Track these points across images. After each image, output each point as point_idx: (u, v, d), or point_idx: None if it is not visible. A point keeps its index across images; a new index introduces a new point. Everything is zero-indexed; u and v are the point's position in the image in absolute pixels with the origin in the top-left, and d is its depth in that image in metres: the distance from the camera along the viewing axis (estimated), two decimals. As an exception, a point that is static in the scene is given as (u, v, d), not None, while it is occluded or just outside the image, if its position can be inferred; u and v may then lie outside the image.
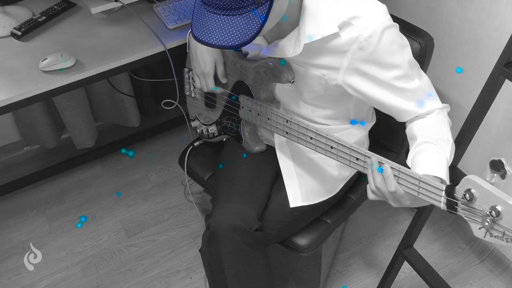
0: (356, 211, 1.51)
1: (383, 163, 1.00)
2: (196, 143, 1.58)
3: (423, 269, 1.46)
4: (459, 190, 0.87)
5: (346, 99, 1.24)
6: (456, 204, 0.88)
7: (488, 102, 1.16)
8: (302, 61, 1.16)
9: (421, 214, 1.40)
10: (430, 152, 1.06)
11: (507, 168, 0.80)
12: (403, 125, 1.48)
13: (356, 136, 1.34)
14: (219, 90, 1.33)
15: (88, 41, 1.54)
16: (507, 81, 1.12)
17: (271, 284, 1.31)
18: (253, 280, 1.27)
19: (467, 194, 0.85)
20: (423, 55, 1.31)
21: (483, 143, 1.60)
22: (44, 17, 1.61)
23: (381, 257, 1.85)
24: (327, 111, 1.28)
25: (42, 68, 1.42)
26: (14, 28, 1.56)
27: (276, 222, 1.31)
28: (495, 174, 0.81)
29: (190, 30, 1.32)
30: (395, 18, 1.25)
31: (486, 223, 0.83)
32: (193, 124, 1.52)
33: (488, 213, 0.82)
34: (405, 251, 1.49)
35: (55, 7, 1.66)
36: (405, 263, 1.54)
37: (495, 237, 0.84)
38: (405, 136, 1.50)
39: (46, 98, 1.50)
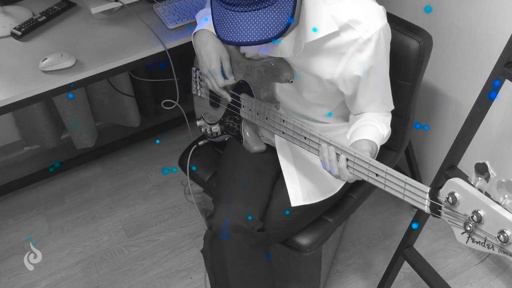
0: (356, 211, 1.51)
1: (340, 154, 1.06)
2: (201, 143, 1.58)
3: (423, 269, 1.46)
4: (443, 193, 0.86)
5: (340, 94, 1.25)
6: (440, 207, 0.87)
7: (488, 102, 1.16)
8: (300, 61, 1.16)
9: (421, 214, 1.40)
10: (369, 127, 1.17)
11: (490, 171, 0.78)
12: (403, 124, 1.49)
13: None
14: (229, 81, 1.31)
15: (88, 41, 1.54)
16: (507, 81, 1.12)
17: (273, 285, 1.32)
18: (255, 280, 1.27)
19: (450, 198, 0.83)
20: (422, 53, 1.32)
21: (483, 143, 1.60)
22: (44, 17, 1.61)
23: (381, 257, 1.85)
24: (326, 108, 1.28)
25: (42, 68, 1.42)
26: (14, 28, 1.56)
27: (277, 221, 1.31)
28: (480, 178, 0.80)
29: (194, 32, 1.33)
30: (395, 18, 1.26)
31: (468, 228, 0.81)
32: (198, 123, 1.53)
33: (470, 217, 0.80)
34: (405, 251, 1.49)
35: (55, 7, 1.66)
36: (405, 263, 1.54)
37: (477, 243, 0.82)
38: (405, 134, 1.51)
39: (46, 98, 1.50)
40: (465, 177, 1.24)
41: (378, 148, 1.15)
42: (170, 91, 1.63)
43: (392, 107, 1.27)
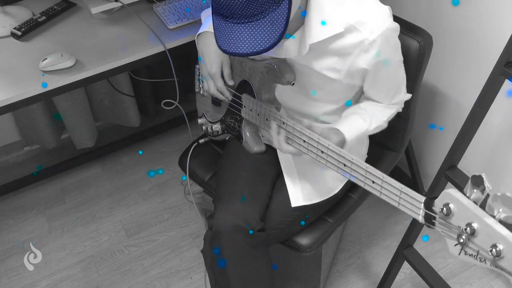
0: (356, 211, 1.51)
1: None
2: (201, 140, 1.58)
3: (423, 269, 1.46)
4: (438, 204, 0.85)
5: (349, 90, 1.26)
6: (434, 218, 0.86)
7: (488, 102, 1.16)
8: (305, 62, 1.17)
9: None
10: (354, 116, 1.21)
11: (486, 184, 0.77)
12: (403, 124, 1.49)
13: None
14: (227, 92, 1.32)
15: (88, 41, 1.54)
16: (507, 81, 1.12)
17: (273, 285, 1.32)
18: (255, 280, 1.27)
19: (444, 208, 0.82)
20: (422, 53, 1.32)
21: (483, 143, 1.60)
22: (44, 17, 1.61)
23: (381, 257, 1.85)
24: (329, 106, 1.28)
25: (42, 68, 1.42)
26: (14, 28, 1.56)
27: (277, 221, 1.31)
28: (475, 190, 0.79)
29: (198, 33, 1.33)
30: (395, 18, 1.26)
31: (461, 240, 0.81)
32: (200, 121, 1.53)
33: (463, 229, 0.80)
34: (405, 251, 1.49)
35: (55, 7, 1.66)
36: (405, 263, 1.54)
37: (469, 255, 0.81)
38: (405, 134, 1.51)
39: (46, 98, 1.50)
40: (465, 177, 1.25)
41: (349, 140, 1.17)
42: (170, 91, 1.63)
43: (396, 100, 1.27)
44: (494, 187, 0.77)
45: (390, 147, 1.55)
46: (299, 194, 1.32)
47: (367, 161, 1.47)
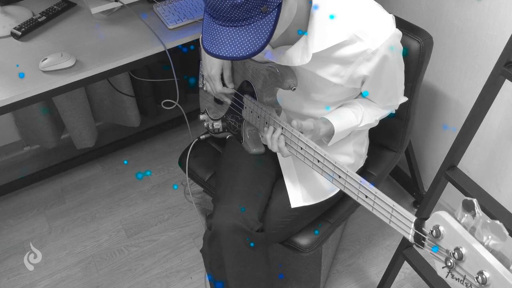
0: (356, 211, 1.51)
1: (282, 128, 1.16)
2: (202, 136, 1.59)
3: (423, 269, 1.46)
4: (428, 225, 0.85)
5: (350, 93, 1.26)
6: (424, 239, 0.86)
7: (488, 102, 1.16)
8: (308, 69, 1.17)
9: (421, 214, 1.40)
10: (348, 109, 1.24)
11: (476, 209, 0.76)
12: (403, 125, 1.49)
13: (356, 135, 1.35)
14: (228, 90, 1.32)
15: (88, 41, 1.54)
16: (507, 81, 1.12)
17: (271, 285, 1.32)
18: (254, 280, 1.27)
19: (434, 231, 0.82)
20: (422, 54, 1.32)
21: (483, 143, 1.60)
22: (44, 17, 1.61)
23: (381, 257, 1.85)
24: (332, 107, 1.29)
25: (42, 68, 1.42)
26: (14, 28, 1.56)
27: (277, 222, 1.31)
28: (466, 214, 0.78)
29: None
30: (395, 18, 1.26)
31: (449, 264, 0.80)
32: (201, 117, 1.53)
33: (451, 253, 0.79)
34: (405, 251, 1.49)
35: (55, 7, 1.66)
36: (405, 263, 1.54)
37: (456, 279, 0.80)
38: (405, 135, 1.51)
39: (46, 98, 1.50)
40: (465, 177, 1.25)
41: (336, 132, 1.20)
42: (170, 91, 1.64)
43: (391, 104, 1.28)
44: (494, 187, 0.77)
45: (390, 147, 1.55)
46: (299, 195, 1.32)
47: (367, 161, 1.48)
